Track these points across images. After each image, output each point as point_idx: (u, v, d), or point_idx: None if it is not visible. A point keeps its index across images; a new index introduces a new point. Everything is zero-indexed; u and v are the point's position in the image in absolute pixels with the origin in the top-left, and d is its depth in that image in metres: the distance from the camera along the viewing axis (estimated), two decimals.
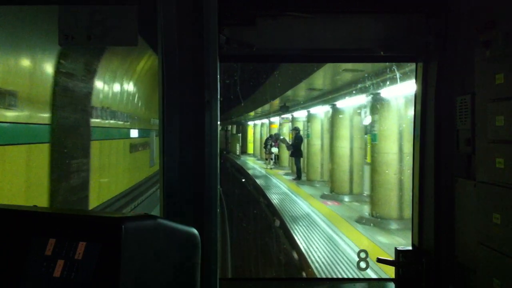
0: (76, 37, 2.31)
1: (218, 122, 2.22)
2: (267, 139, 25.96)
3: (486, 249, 1.96)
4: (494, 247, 1.91)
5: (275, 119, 28.81)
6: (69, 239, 1.23)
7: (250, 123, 39.03)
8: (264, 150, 26.54)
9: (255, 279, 6.04)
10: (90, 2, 2.37)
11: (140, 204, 15.21)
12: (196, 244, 1.41)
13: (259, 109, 27.86)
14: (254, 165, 27.45)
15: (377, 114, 10.61)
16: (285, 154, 23.38)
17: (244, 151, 38.37)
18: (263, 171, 23.04)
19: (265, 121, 32.38)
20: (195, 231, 1.41)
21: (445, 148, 2.35)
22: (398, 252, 2.52)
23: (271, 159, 25.33)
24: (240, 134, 38.91)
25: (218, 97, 2.21)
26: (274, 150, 24.58)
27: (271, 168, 24.35)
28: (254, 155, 35.14)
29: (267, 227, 12.96)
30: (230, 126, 51.07)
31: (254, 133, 37.19)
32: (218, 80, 2.22)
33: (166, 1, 2.14)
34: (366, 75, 10.75)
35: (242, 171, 24.32)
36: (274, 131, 28.36)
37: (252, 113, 32.46)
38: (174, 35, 2.15)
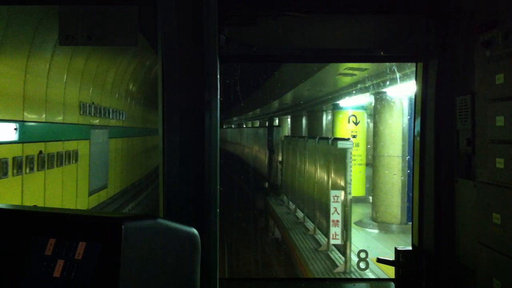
0: (76, 37, 2.31)
1: (218, 122, 2.22)
2: None
3: (486, 249, 1.96)
4: (494, 247, 1.91)
5: None
6: (69, 239, 1.23)
7: (348, 107, 14.51)
8: None
9: (255, 279, 6.05)
10: (90, 2, 2.37)
11: None
12: (196, 244, 1.41)
13: None
14: None
15: None
16: None
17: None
18: None
19: None
20: (195, 231, 1.42)
21: (445, 148, 2.34)
22: (398, 252, 2.51)
23: None
24: (343, 147, 8.05)
25: (218, 97, 2.21)
26: None
27: None
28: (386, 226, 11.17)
29: None
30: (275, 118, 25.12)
31: (377, 136, 11.85)
32: (218, 80, 2.22)
33: (166, 1, 2.14)
34: None
35: None
36: None
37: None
38: (174, 35, 2.15)
